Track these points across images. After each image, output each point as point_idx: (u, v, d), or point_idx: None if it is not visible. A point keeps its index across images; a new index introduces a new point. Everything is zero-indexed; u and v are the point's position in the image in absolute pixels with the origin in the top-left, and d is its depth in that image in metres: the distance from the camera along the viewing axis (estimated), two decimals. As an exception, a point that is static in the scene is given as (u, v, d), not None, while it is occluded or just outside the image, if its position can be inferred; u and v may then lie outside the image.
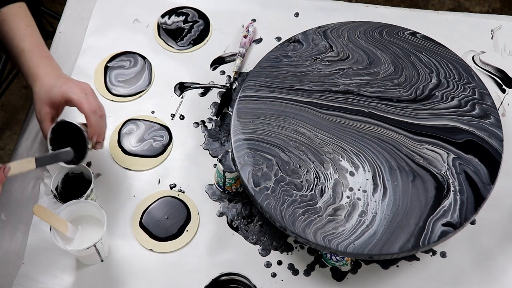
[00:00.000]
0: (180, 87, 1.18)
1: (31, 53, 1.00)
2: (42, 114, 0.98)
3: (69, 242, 0.97)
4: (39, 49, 1.02)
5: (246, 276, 0.95)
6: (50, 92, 0.97)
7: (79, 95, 0.96)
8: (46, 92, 0.97)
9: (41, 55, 1.01)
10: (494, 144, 1.03)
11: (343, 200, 0.98)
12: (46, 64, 1.01)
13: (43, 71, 0.99)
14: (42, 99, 0.97)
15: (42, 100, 0.97)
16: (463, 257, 1.02)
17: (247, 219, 1.05)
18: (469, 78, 1.10)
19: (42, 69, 0.99)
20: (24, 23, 1.03)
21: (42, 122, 0.98)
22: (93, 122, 0.96)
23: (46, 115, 0.98)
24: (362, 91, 1.08)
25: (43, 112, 0.98)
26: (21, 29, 1.03)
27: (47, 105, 0.97)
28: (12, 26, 1.03)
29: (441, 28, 1.24)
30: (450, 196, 0.98)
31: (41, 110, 0.98)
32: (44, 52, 1.02)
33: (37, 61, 1.00)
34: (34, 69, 0.99)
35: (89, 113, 0.95)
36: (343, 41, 1.14)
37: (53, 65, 1.02)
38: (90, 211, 0.99)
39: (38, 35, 1.04)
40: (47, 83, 0.98)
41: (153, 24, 1.25)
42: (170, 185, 1.08)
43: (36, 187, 1.07)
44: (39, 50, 1.02)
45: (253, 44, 1.23)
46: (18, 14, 1.04)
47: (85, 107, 0.95)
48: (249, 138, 1.03)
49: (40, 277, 0.99)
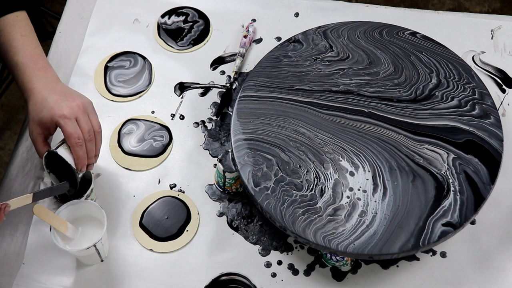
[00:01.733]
0: (180, 87, 1.18)
1: (25, 66, 0.98)
2: (34, 135, 0.97)
3: (69, 242, 0.97)
4: (34, 61, 0.99)
5: (246, 276, 0.95)
6: (41, 113, 0.95)
7: (67, 122, 0.94)
8: (38, 113, 0.95)
9: (35, 68, 0.99)
10: (494, 144, 1.03)
11: (343, 200, 0.98)
12: (41, 76, 0.98)
13: (37, 85, 0.97)
14: (33, 119, 0.96)
15: (34, 120, 0.96)
16: (463, 257, 1.02)
17: (247, 219, 1.05)
18: (469, 78, 1.10)
19: (35, 83, 0.97)
20: (20, 34, 1.01)
21: (35, 142, 0.97)
22: (79, 155, 0.94)
23: (38, 135, 0.96)
24: (362, 91, 1.08)
25: (34, 132, 0.97)
26: (15, 41, 1.00)
27: (38, 126, 0.96)
28: (7, 38, 1.00)
29: (441, 28, 1.24)
30: (450, 196, 0.98)
31: (33, 130, 0.97)
32: (39, 64, 0.99)
33: (30, 74, 0.98)
34: (27, 83, 0.97)
35: (74, 146, 0.94)
36: (343, 41, 1.14)
37: (47, 77, 0.99)
38: (90, 211, 0.99)
39: (35, 45, 1.02)
40: (39, 101, 0.96)
41: (153, 24, 1.25)
42: (170, 185, 1.08)
43: (36, 187, 1.07)
44: (33, 62, 0.99)
45: (253, 44, 1.23)
46: (14, 24, 1.02)
47: (72, 140, 0.94)
48: (249, 138, 1.03)
49: (40, 277, 0.99)
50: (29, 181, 1.08)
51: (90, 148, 0.96)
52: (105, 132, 1.12)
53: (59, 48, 1.22)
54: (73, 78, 1.17)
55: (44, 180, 1.07)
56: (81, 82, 1.17)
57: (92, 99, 1.10)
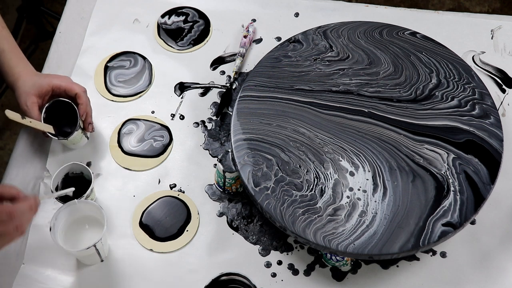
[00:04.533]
0: (180, 87, 1.18)
1: (11, 54, 1.08)
2: (29, 104, 1.04)
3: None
4: (17, 50, 1.09)
5: (246, 276, 0.95)
6: (36, 84, 1.05)
7: (66, 80, 1.07)
8: (32, 84, 1.05)
9: (20, 57, 1.09)
10: (494, 144, 1.03)
11: (343, 200, 0.98)
12: (26, 64, 1.08)
13: (24, 70, 1.07)
14: (27, 91, 1.05)
15: (28, 92, 1.04)
16: (463, 257, 1.02)
17: (247, 219, 1.05)
18: (469, 78, 1.10)
19: (23, 68, 1.07)
20: (0, 26, 1.09)
21: (30, 111, 1.04)
22: (84, 100, 1.06)
23: (33, 104, 1.04)
24: (362, 91, 1.08)
25: (29, 102, 1.04)
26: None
27: (34, 95, 1.04)
28: None
29: (441, 28, 1.24)
30: (450, 196, 0.98)
31: (27, 100, 1.04)
32: (21, 54, 1.09)
33: (17, 61, 1.08)
34: (15, 68, 1.07)
35: (80, 92, 1.06)
36: (343, 41, 1.14)
37: (30, 67, 1.09)
38: (90, 211, 0.99)
39: (13, 38, 1.10)
40: (30, 79, 1.06)
41: (153, 24, 1.25)
42: (170, 185, 1.08)
43: (36, 187, 1.07)
44: (18, 51, 1.09)
45: (253, 44, 1.23)
46: None
47: (76, 87, 1.06)
48: (249, 138, 1.03)
49: (40, 277, 0.99)
50: (29, 181, 1.08)
51: (86, 98, 1.08)
52: (105, 132, 1.12)
53: (59, 48, 1.22)
54: (73, 78, 1.17)
55: (44, 180, 1.07)
56: (81, 82, 1.17)
57: (92, 99, 1.11)
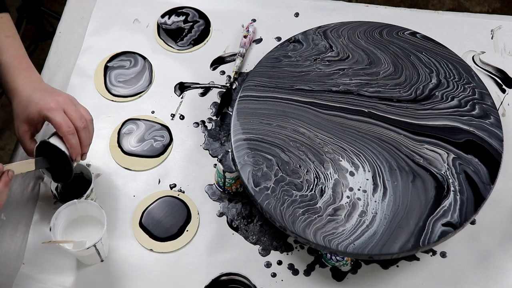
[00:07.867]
0: (180, 87, 1.18)
1: (9, 66, 0.98)
2: (21, 133, 0.96)
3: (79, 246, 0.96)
4: (18, 61, 0.99)
5: (246, 276, 0.95)
6: (27, 110, 0.95)
7: (56, 113, 0.93)
8: (23, 110, 0.95)
9: (20, 67, 0.99)
10: (494, 144, 1.03)
11: (343, 200, 0.98)
12: (25, 76, 0.98)
13: (20, 84, 0.97)
14: (19, 117, 0.96)
15: (20, 118, 0.96)
16: (463, 257, 1.02)
17: (247, 219, 1.05)
18: (469, 78, 1.10)
19: (20, 83, 0.97)
20: (4, 34, 1.01)
21: (22, 140, 0.96)
22: (72, 143, 0.94)
23: (24, 133, 0.96)
24: (362, 91, 1.08)
25: (21, 130, 0.96)
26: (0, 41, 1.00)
27: (25, 123, 0.95)
28: None
29: (441, 28, 1.24)
30: (450, 196, 0.98)
31: (19, 128, 0.96)
32: (24, 64, 1.00)
33: (14, 74, 0.98)
34: (11, 83, 0.97)
35: (66, 135, 0.93)
36: (343, 41, 1.14)
37: (32, 77, 0.99)
38: (90, 211, 0.99)
39: (19, 46, 1.02)
40: (24, 99, 0.96)
41: (153, 24, 1.25)
42: (170, 185, 1.08)
43: (36, 187, 1.07)
44: (18, 62, 0.99)
45: (253, 44, 1.23)
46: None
47: (63, 129, 0.93)
48: (249, 138, 1.03)
49: (40, 277, 0.99)
50: (29, 181, 1.08)
51: (85, 136, 0.96)
52: (105, 132, 1.12)
53: (59, 48, 1.22)
54: (73, 78, 1.17)
55: (44, 180, 1.07)
56: (81, 82, 1.17)
57: (92, 99, 1.11)
